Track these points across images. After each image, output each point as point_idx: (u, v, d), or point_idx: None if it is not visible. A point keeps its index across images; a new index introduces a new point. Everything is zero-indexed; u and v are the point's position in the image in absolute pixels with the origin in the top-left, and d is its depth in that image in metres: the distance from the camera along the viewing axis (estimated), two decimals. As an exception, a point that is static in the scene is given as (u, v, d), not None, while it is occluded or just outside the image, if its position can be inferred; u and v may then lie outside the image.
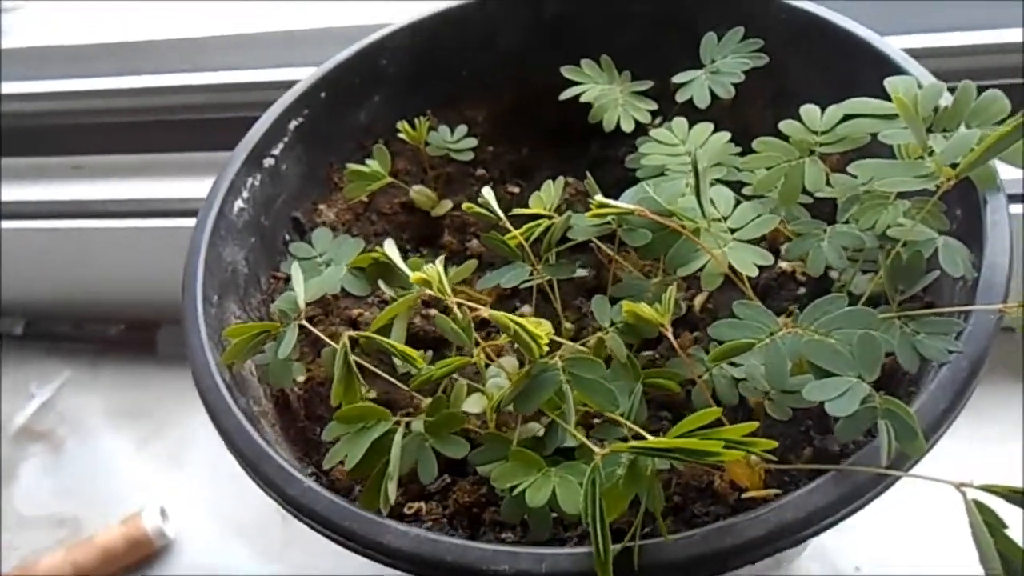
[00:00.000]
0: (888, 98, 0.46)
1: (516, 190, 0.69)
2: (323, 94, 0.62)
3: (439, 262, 0.45)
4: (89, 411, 0.97)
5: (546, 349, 0.41)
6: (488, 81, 0.68)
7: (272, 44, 0.89)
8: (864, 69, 0.54)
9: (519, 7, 0.66)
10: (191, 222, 0.55)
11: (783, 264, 0.56)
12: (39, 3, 0.98)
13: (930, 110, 0.46)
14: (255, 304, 0.56)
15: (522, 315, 0.59)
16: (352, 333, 0.43)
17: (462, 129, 0.64)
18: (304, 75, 0.63)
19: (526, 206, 0.65)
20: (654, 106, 0.59)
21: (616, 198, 0.50)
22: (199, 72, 0.93)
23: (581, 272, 0.52)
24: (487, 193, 0.51)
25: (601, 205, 0.46)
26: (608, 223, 0.48)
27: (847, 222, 0.46)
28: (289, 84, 0.63)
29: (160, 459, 0.91)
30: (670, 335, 0.42)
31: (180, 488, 0.88)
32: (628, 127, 0.57)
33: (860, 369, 0.37)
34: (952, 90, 0.46)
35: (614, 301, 0.47)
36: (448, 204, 0.64)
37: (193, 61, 0.93)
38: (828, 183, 0.48)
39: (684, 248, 0.45)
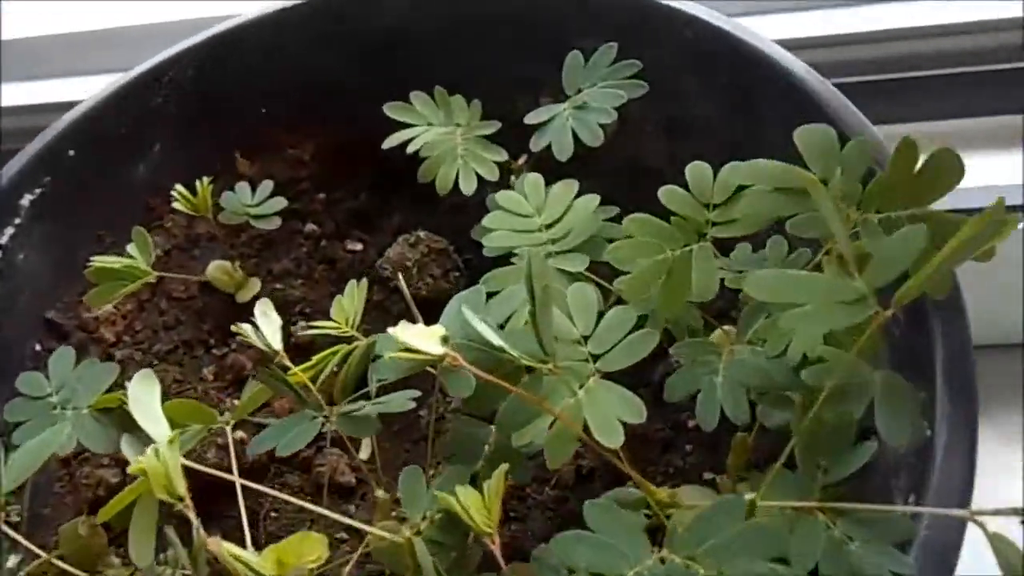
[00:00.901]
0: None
1: (358, 247, 0.55)
2: (72, 152, 0.47)
3: (167, 447, 0.31)
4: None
5: (304, 602, 0.27)
6: (308, 113, 0.53)
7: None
8: (775, 102, 0.40)
9: (336, 20, 0.51)
10: None
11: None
12: None
13: (858, 178, 0.33)
14: (-23, 459, 0.41)
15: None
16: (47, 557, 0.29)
17: (267, 186, 0.49)
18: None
19: (371, 265, 0.52)
20: (503, 156, 0.44)
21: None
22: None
23: (406, 405, 0.38)
24: (261, 317, 0.37)
25: (406, 349, 0.32)
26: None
27: (751, 341, 0.33)
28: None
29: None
30: (496, 549, 0.29)
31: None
32: (469, 188, 0.43)
33: (763, 638, 0.24)
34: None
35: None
36: (257, 284, 0.50)
37: None
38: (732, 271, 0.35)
39: (516, 405, 0.31)
